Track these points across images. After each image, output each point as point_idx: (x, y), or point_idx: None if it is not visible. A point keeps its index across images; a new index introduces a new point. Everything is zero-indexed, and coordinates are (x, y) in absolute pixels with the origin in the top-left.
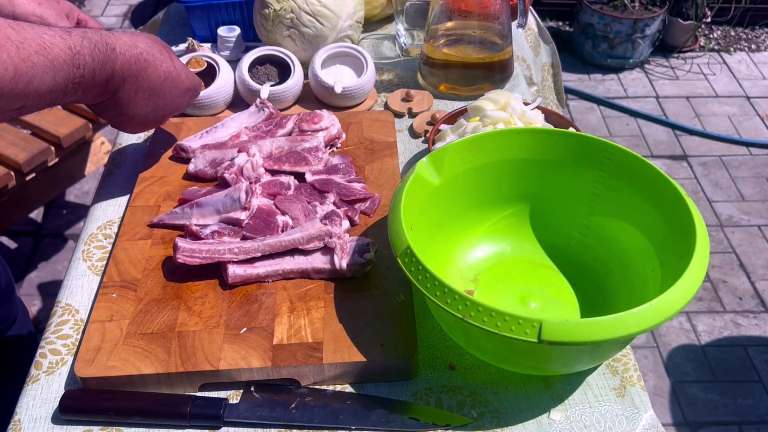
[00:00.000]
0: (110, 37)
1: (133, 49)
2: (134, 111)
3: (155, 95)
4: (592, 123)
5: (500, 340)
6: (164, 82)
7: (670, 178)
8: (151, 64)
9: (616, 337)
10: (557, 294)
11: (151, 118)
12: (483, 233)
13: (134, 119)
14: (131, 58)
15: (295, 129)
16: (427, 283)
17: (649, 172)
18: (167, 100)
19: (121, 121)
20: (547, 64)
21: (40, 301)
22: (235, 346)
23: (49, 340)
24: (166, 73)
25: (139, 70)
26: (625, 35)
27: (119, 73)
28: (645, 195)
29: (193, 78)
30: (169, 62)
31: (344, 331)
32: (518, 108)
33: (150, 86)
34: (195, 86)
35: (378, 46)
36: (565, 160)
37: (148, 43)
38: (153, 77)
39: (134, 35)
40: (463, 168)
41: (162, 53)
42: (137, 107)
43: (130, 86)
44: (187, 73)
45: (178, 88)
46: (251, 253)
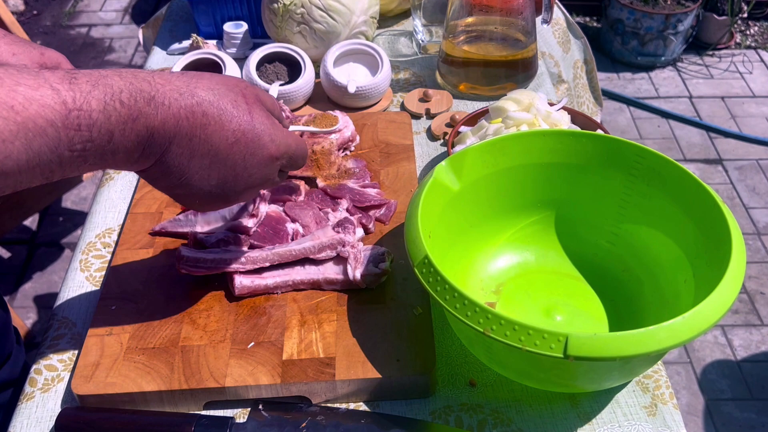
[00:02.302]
0: (151, 81)
1: (186, 99)
2: (191, 183)
3: (220, 163)
4: (621, 124)
5: (524, 355)
6: (234, 145)
7: (704, 184)
8: (215, 119)
9: (646, 352)
10: (584, 306)
11: (218, 193)
12: (505, 242)
13: (193, 194)
14: (182, 110)
15: (306, 133)
16: (446, 294)
17: (681, 176)
18: (240, 171)
19: (178, 196)
20: (580, 60)
21: (35, 313)
22: (242, 361)
23: (45, 355)
24: (238, 133)
25: (193, 128)
26: (657, 31)
27: (161, 131)
28: (677, 201)
29: (286, 141)
30: (245, 118)
31: (358, 345)
32: (543, 109)
33: (211, 150)
34: (289, 153)
35: (394, 43)
36: (592, 164)
37: (216, 91)
38: (215, 138)
39: (196, 78)
40: (485, 172)
41: (237, 104)
42: (194, 178)
43: (180, 150)
44: (275, 135)
45: (257, 155)
46: (259, 263)
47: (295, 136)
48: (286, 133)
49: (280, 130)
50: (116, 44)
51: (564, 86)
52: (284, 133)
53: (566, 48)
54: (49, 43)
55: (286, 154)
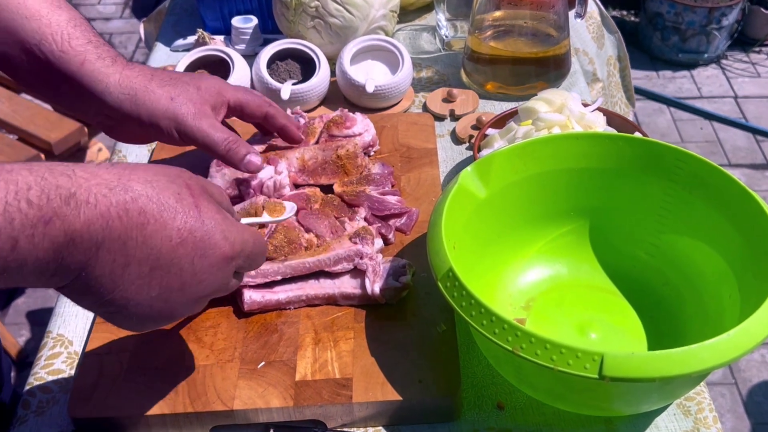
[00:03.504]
0: (71, 175)
1: (117, 194)
2: (126, 297)
3: (163, 270)
4: (660, 127)
5: (556, 375)
6: (179, 247)
7: (751, 191)
8: (155, 217)
9: (688, 372)
10: (621, 323)
11: (160, 307)
12: (536, 253)
13: (128, 311)
14: (112, 209)
15: (323, 134)
16: (472, 310)
17: (726, 183)
18: (187, 278)
19: (109, 314)
20: (613, 57)
21: (29, 330)
22: (251, 382)
23: (39, 375)
24: (183, 231)
25: (127, 229)
26: (699, 26)
27: (86, 236)
28: (722, 209)
29: (242, 237)
30: (192, 213)
31: (377, 365)
32: (576, 110)
33: (151, 255)
34: (246, 250)
35: (416, 39)
36: (630, 170)
37: (154, 183)
38: (156, 240)
39: (129, 169)
40: (513, 178)
41: (181, 198)
42: (130, 291)
43: (111, 256)
44: (228, 230)
45: (209, 256)
46: (270, 277)
47: (251, 230)
48: (241, 228)
49: (233, 224)
50: (116, 40)
51: (599, 85)
52: (238, 227)
53: (600, 44)
54: None
55: (243, 252)
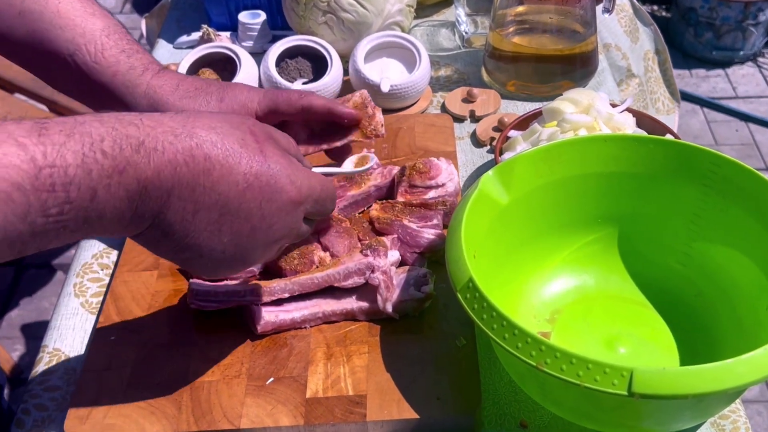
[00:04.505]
0: (138, 124)
1: (183, 141)
2: (199, 243)
3: (232, 215)
4: (693, 128)
5: (582, 392)
6: (246, 191)
7: None
8: (220, 162)
9: (723, 389)
10: (651, 337)
11: (233, 252)
12: (561, 263)
13: (203, 257)
14: (179, 155)
15: (403, 183)
16: (494, 323)
17: (763, 188)
18: (257, 222)
19: (185, 260)
20: (651, 51)
21: (23, 344)
22: (259, 400)
23: (34, 392)
24: (249, 176)
25: (194, 175)
26: (735, 22)
27: (156, 183)
28: (758, 216)
29: (309, 182)
30: (257, 158)
31: (392, 381)
32: (604, 110)
33: (219, 200)
34: (314, 195)
35: (434, 36)
36: (661, 174)
37: (218, 129)
38: (223, 185)
39: (193, 117)
40: (537, 183)
41: (245, 143)
42: (202, 237)
43: (182, 203)
44: (294, 175)
45: (276, 200)
46: (278, 294)
47: (318, 176)
48: (308, 173)
49: (300, 169)
50: None
51: (635, 81)
52: (305, 173)
53: (634, 37)
54: None
55: (311, 197)
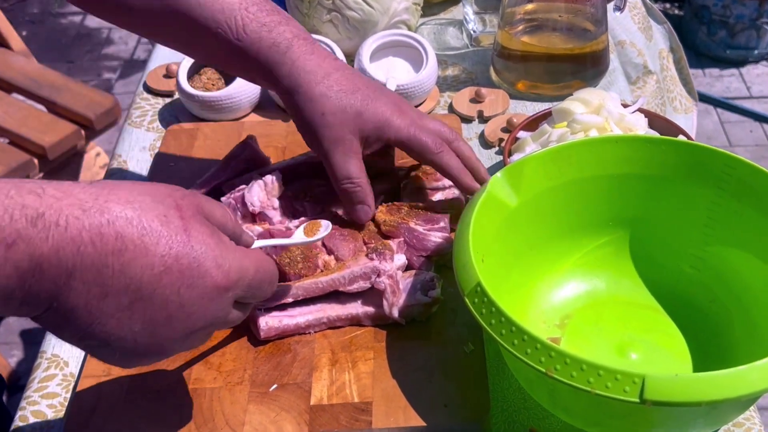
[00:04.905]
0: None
1: (92, 216)
2: (107, 331)
3: (144, 302)
4: (707, 129)
5: (593, 399)
6: (162, 276)
7: None
8: (134, 242)
9: (737, 396)
10: (664, 343)
11: (146, 343)
12: (571, 267)
13: (111, 346)
14: (85, 233)
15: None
16: (502, 328)
17: None
18: (174, 311)
19: (91, 348)
20: (665, 49)
21: (21, 350)
22: (262, 407)
23: (32, 399)
24: (168, 258)
25: (102, 256)
26: (749, 20)
27: (54, 262)
28: None
29: (241, 264)
30: (178, 238)
31: (399, 388)
32: (615, 111)
33: (130, 285)
34: (246, 279)
35: (441, 34)
36: (673, 176)
37: (137, 204)
38: (135, 268)
39: (110, 188)
40: (547, 185)
41: (167, 221)
42: (110, 325)
43: (85, 287)
44: (222, 257)
45: (197, 286)
46: (281, 299)
47: (254, 257)
48: (241, 254)
49: (231, 250)
50: (115, 35)
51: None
52: (238, 253)
53: (648, 36)
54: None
55: (241, 282)
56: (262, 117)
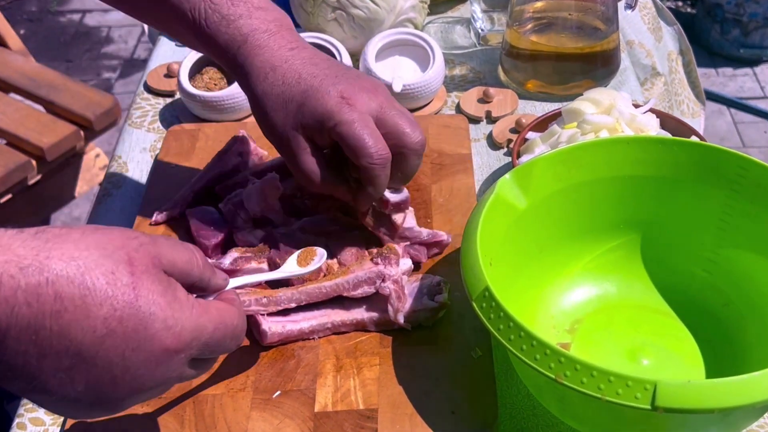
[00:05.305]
0: None
1: (29, 275)
2: (49, 390)
3: (86, 364)
4: (720, 130)
5: (604, 406)
6: (105, 339)
7: None
8: (74, 303)
9: (751, 402)
10: (676, 348)
11: (91, 402)
12: (581, 271)
13: (57, 403)
14: (20, 293)
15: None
16: (511, 333)
17: None
18: (119, 373)
19: (40, 402)
20: (674, 52)
21: None
22: (266, 414)
23: (30, 406)
24: (111, 321)
25: (38, 317)
26: (763, 18)
27: None
28: None
29: (196, 323)
30: (125, 297)
31: (405, 395)
32: (626, 111)
33: (70, 348)
34: (202, 339)
35: (448, 33)
36: (686, 178)
37: (82, 260)
38: (75, 331)
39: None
40: (557, 187)
41: (114, 278)
42: (52, 383)
43: (21, 347)
44: (173, 317)
45: (143, 349)
46: (283, 304)
47: (216, 312)
48: (198, 312)
49: (185, 308)
50: (115, 33)
51: (660, 80)
52: (194, 311)
53: (658, 37)
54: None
55: (195, 343)
56: None
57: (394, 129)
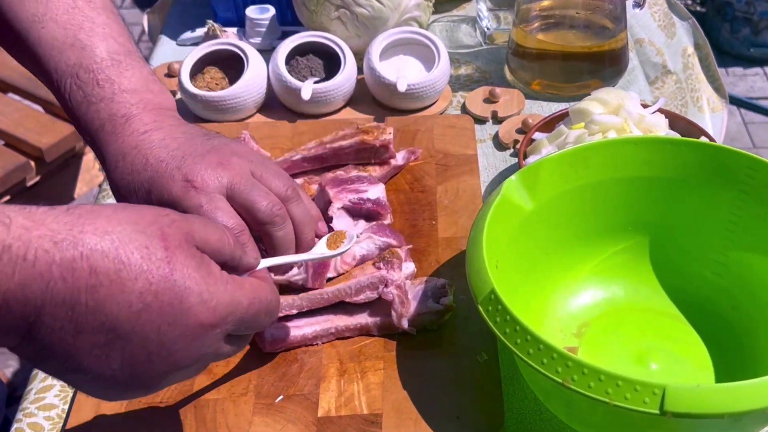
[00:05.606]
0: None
1: (64, 250)
2: (84, 368)
3: (122, 340)
4: (730, 130)
5: (611, 411)
6: (141, 314)
7: None
8: (109, 278)
9: (762, 407)
10: (684, 352)
11: (127, 380)
12: (589, 273)
13: (92, 382)
14: (55, 267)
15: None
16: (517, 337)
17: None
18: (154, 349)
19: (74, 383)
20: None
21: (17, 361)
22: (268, 419)
23: (29, 411)
24: (147, 295)
25: (74, 293)
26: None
27: (21, 298)
28: None
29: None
30: (160, 272)
31: (409, 399)
32: (634, 111)
33: (106, 323)
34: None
35: (453, 32)
36: (695, 179)
37: (116, 234)
38: (111, 306)
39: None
40: (564, 189)
41: (149, 253)
42: (87, 362)
43: (57, 323)
44: (208, 292)
45: (179, 324)
46: (286, 310)
47: (250, 287)
48: (233, 287)
49: (220, 283)
50: None
51: (672, 78)
52: (228, 287)
53: (670, 33)
54: None
55: (231, 318)
56: (268, 118)
57: (244, 204)
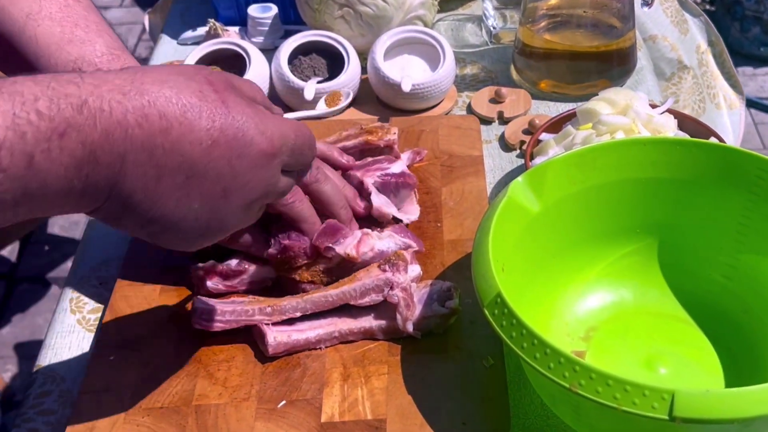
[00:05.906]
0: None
1: (132, 99)
2: (167, 214)
3: (199, 177)
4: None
5: (620, 416)
6: (212, 149)
7: None
8: (178, 119)
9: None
10: (694, 356)
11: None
12: (596, 276)
13: (174, 228)
14: (129, 115)
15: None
16: (524, 341)
17: None
18: (229, 182)
19: (155, 235)
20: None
21: (15, 365)
22: (270, 424)
23: (27, 417)
24: (213, 131)
25: (150, 136)
26: None
27: (106, 148)
28: None
29: (281, 129)
30: (219, 110)
31: (414, 405)
32: (643, 111)
33: (183, 162)
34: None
35: (459, 31)
36: (704, 181)
37: (172, 83)
38: (184, 145)
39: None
40: (571, 190)
41: (204, 95)
42: (169, 206)
43: (141, 169)
44: (263, 124)
45: (247, 155)
46: (288, 313)
47: (291, 123)
48: (279, 121)
49: (269, 118)
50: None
51: (689, 73)
52: (276, 121)
53: (683, 29)
54: None
55: (286, 147)
56: None
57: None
